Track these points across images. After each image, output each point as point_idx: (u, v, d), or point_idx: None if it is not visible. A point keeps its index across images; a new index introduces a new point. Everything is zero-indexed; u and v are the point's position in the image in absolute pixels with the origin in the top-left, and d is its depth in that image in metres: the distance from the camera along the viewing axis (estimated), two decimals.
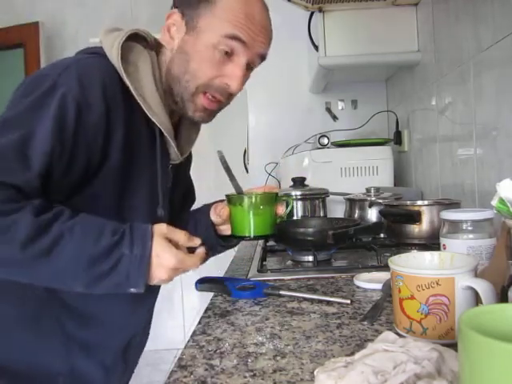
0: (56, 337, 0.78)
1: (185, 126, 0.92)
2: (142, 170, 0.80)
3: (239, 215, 0.88)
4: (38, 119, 0.67)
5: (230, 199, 0.90)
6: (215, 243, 0.95)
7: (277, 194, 0.92)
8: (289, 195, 1.42)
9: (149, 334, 1.01)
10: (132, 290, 0.67)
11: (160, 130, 0.81)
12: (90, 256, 0.64)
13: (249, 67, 0.83)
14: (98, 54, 0.77)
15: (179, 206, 0.98)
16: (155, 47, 0.85)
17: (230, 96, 0.84)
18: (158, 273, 0.68)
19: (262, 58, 0.85)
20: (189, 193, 1.07)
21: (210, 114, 0.85)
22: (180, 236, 0.72)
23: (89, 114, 0.71)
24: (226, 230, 0.94)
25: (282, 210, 0.91)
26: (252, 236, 0.89)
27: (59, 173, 0.69)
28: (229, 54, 0.79)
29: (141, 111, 0.78)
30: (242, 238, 0.92)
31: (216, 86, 0.81)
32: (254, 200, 0.87)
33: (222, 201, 0.96)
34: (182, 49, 0.81)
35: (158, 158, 0.83)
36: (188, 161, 1.04)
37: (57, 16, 2.85)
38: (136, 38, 0.82)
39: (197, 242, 0.73)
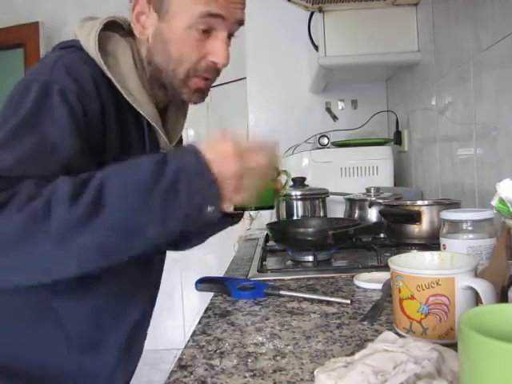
0: (58, 334, 0.77)
1: (172, 111, 0.90)
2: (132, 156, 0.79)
3: None
4: (45, 121, 0.65)
5: None
6: (218, 220, 0.93)
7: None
8: (287, 173, 1.41)
9: (148, 325, 0.99)
10: (209, 208, 0.61)
11: (147, 120, 0.80)
12: (140, 183, 0.59)
13: (229, 36, 0.80)
14: (75, 47, 0.75)
15: None
16: (133, 34, 0.82)
17: (218, 71, 0.82)
18: (223, 169, 0.61)
19: (241, 23, 0.81)
20: None
21: (205, 93, 0.83)
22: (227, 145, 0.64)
23: (89, 105, 0.69)
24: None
25: (280, 185, 0.91)
26: (253, 207, 0.89)
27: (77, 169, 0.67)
28: (207, 31, 0.76)
29: (126, 103, 0.76)
30: (244, 210, 0.92)
31: (204, 66, 0.79)
32: None
33: None
34: (159, 37, 0.78)
35: (147, 148, 0.81)
36: (180, 143, 1.02)
37: (57, 16, 2.85)
38: (112, 27, 0.80)
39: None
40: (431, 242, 1.10)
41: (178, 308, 3.00)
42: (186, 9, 0.75)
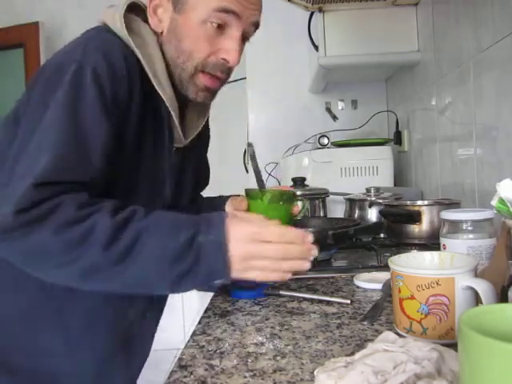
0: (56, 331, 0.76)
1: (190, 110, 0.89)
2: (149, 152, 0.78)
3: (259, 209, 0.86)
4: (79, 106, 0.65)
5: (250, 193, 0.89)
6: None
7: (294, 193, 0.92)
8: (304, 198, 1.42)
9: (158, 320, 1.00)
10: (217, 280, 0.64)
11: (167, 112, 0.78)
12: (172, 251, 0.61)
13: (243, 38, 0.80)
14: (104, 29, 0.74)
15: (192, 189, 0.97)
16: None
17: (229, 71, 0.81)
18: (234, 263, 0.62)
19: (256, 26, 0.81)
20: (202, 175, 1.06)
21: (213, 93, 0.82)
22: (273, 233, 0.65)
23: (120, 88, 0.69)
24: None
25: (297, 209, 0.91)
26: None
27: (111, 158, 0.68)
28: (221, 27, 0.76)
29: (149, 89, 0.75)
30: None
31: (213, 62, 0.78)
32: (274, 195, 0.87)
33: (238, 195, 0.96)
34: (172, 30, 0.78)
35: (166, 141, 0.80)
36: (203, 143, 1.02)
37: (57, 16, 2.85)
38: (136, 11, 0.79)
39: (309, 238, 0.66)
40: (431, 242, 1.10)
41: (177, 308, 3.00)
42: (203, 2, 0.75)
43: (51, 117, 0.64)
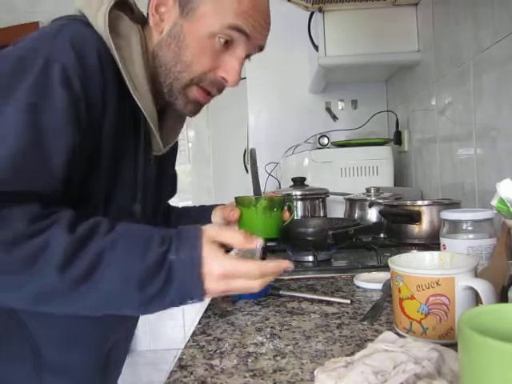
0: (26, 358, 0.69)
1: (169, 115, 0.83)
2: (126, 159, 0.72)
3: (252, 217, 0.86)
4: (42, 111, 0.57)
5: (242, 201, 0.88)
6: None
7: (284, 199, 0.92)
8: (290, 199, 1.42)
9: (131, 341, 0.93)
10: (190, 301, 0.58)
11: (144, 119, 0.72)
12: (140, 273, 0.55)
13: (246, 57, 0.77)
14: (80, 21, 0.67)
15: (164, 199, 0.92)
16: (141, 21, 0.75)
17: (223, 89, 0.77)
18: (208, 282, 0.57)
19: (261, 49, 0.78)
20: (174, 184, 1.00)
21: (200, 107, 0.78)
22: (233, 238, 0.61)
23: (92, 92, 0.62)
24: None
25: (287, 216, 0.91)
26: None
27: (75, 168, 0.61)
28: (227, 44, 0.72)
29: (126, 94, 0.68)
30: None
31: (211, 79, 0.73)
32: (268, 203, 0.86)
33: (220, 204, 0.94)
34: (174, 34, 0.71)
35: (141, 149, 0.74)
36: (175, 150, 0.95)
37: (57, 16, 2.85)
38: (123, 7, 0.73)
39: (256, 242, 0.62)
40: (431, 242, 1.10)
41: (177, 308, 3.00)
42: (217, 14, 0.70)
43: (9, 117, 0.56)
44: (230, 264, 0.58)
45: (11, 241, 0.51)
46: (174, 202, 1.05)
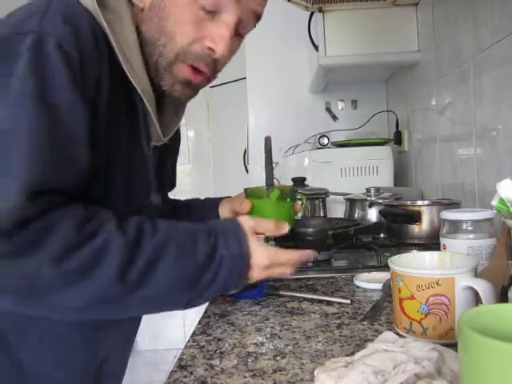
0: (6, 375, 0.63)
1: (168, 104, 0.76)
2: (125, 149, 0.66)
3: (266, 208, 0.83)
4: (48, 93, 0.52)
5: (254, 192, 0.85)
6: None
7: (296, 190, 0.91)
8: (303, 195, 1.42)
9: (130, 350, 0.87)
10: (231, 292, 0.64)
11: (142, 105, 0.67)
12: (192, 271, 0.57)
13: (238, 30, 0.68)
14: None
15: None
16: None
17: (215, 66, 0.69)
18: (254, 272, 0.62)
19: (257, 17, 0.69)
20: (174, 176, 0.95)
21: (193, 89, 0.70)
22: (268, 226, 0.66)
23: (90, 70, 0.57)
24: None
25: (298, 208, 0.89)
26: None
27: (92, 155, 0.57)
28: (213, 13, 0.65)
29: (122, 76, 0.62)
30: None
31: (197, 52, 0.66)
32: (282, 192, 0.84)
33: (226, 197, 0.92)
34: (156, 6, 0.65)
35: (143, 137, 0.69)
36: (176, 141, 0.89)
37: None
38: None
39: (286, 228, 0.68)
40: (431, 242, 1.10)
41: None
42: None
43: (13, 114, 0.51)
44: (274, 254, 0.63)
45: (63, 252, 0.50)
46: None
